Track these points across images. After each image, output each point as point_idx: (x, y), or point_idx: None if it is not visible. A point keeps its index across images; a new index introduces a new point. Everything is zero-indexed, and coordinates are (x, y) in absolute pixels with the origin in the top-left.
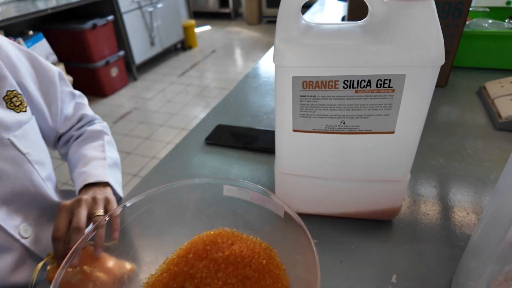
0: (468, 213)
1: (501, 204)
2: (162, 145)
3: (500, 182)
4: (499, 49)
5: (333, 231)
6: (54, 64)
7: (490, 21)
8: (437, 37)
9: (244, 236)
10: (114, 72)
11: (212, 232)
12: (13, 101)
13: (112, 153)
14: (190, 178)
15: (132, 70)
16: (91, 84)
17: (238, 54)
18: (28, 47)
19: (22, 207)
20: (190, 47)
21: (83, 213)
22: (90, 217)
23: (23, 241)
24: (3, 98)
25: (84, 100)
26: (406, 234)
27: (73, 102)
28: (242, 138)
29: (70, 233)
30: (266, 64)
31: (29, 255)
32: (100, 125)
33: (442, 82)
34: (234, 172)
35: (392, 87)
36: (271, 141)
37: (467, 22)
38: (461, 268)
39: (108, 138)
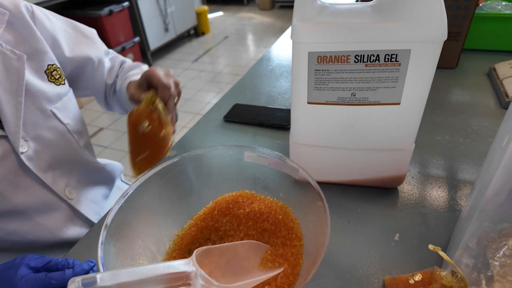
0: (469, 183)
1: (489, 169)
2: (177, 129)
3: (490, 150)
4: (511, 31)
5: (342, 197)
6: None
7: (503, 3)
8: (441, 15)
9: (262, 197)
10: (129, 58)
11: (234, 193)
12: (53, 75)
13: None
14: (214, 146)
15: (147, 56)
16: None
17: (250, 40)
18: None
19: (65, 172)
20: (203, 33)
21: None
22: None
23: (69, 201)
24: (45, 72)
25: (114, 52)
26: (410, 200)
27: (109, 55)
28: (259, 116)
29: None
30: (280, 48)
31: (75, 215)
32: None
33: (453, 63)
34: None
35: (398, 61)
36: (285, 119)
37: (480, 4)
38: (457, 227)
39: (143, 66)
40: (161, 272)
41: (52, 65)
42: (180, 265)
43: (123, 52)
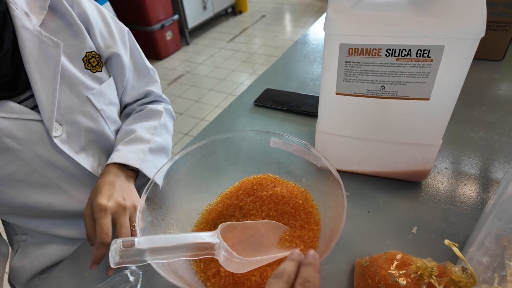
0: (498, 183)
1: None
2: (210, 108)
3: None
4: None
5: (364, 186)
6: None
7: None
8: (481, 11)
9: (285, 181)
10: (168, 35)
11: (258, 176)
12: (90, 62)
13: (162, 138)
14: (243, 130)
15: (185, 34)
16: (147, 47)
17: (287, 19)
18: None
19: (97, 153)
20: (240, 12)
21: (127, 222)
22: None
23: None
24: (82, 59)
25: (156, 76)
26: (432, 195)
27: (145, 77)
28: (288, 102)
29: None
30: (317, 31)
31: None
32: (164, 107)
33: (499, 55)
34: (279, 132)
35: (430, 57)
36: (315, 106)
37: None
38: (477, 225)
39: (165, 120)
40: (189, 241)
41: (91, 52)
42: (206, 237)
43: (162, 29)
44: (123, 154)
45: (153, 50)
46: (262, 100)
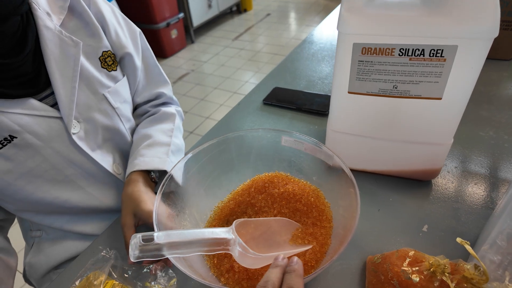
0: (508, 182)
1: None
2: (215, 106)
3: None
4: None
5: (374, 185)
6: None
7: None
8: (494, 10)
9: (296, 179)
10: (174, 34)
11: (270, 174)
12: (106, 61)
13: (178, 139)
14: (255, 128)
15: (190, 33)
16: (153, 45)
17: (292, 18)
18: None
19: (112, 150)
20: (245, 10)
21: None
22: None
23: (117, 176)
24: (99, 58)
25: (167, 79)
26: (443, 194)
27: (157, 78)
28: (296, 100)
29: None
30: (324, 30)
31: (121, 186)
32: (175, 109)
33: (508, 55)
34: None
35: (444, 56)
36: (324, 104)
37: None
38: (488, 224)
39: (178, 122)
40: (206, 236)
41: (107, 51)
42: (221, 232)
43: (167, 27)
44: (148, 160)
45: (159, 48)
46: (270, 98)
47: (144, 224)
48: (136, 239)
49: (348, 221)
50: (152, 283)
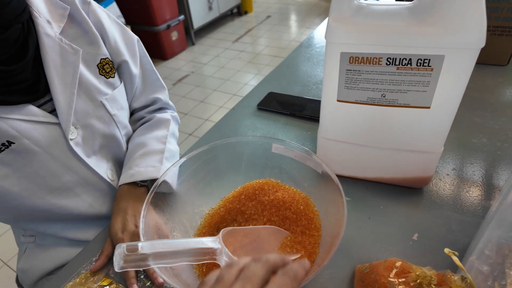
0: (499, 190)
1: None
2: (215, 108)
3: None
4: None
5: (365, 192)
6: None
7: None
8: (481, 21)
9: (286, 187)
10: (174, 36)
11: (260, 181)
12: (104, 68)
13: (172, 145)
14: (245, 136)
15: (191, 35)
16: (153, 47)
17: (293, 20)
18: None
19: (106, 157)
20: (245, 12)
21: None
22: None
23: (111, 182)
24: (97, 65)
25: (164, 84)
26: (433, 202)
27: (154, 84)
28: (291, 106)
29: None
30: (321, 34)
31: (114, 193)
32: (171, 114)
33: (503, 60)
34: (281, 136)
35: (431, 66)
36: (317, 110)
37: None
38: (478, 233)
39: (173, 128)
40: (191, 246)
41: (105, 59)
42: (208, 242)
43: (168, 29)
44: (143, 170)
45: (159, 50)
46: (265, 103)
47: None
48: (120, 249)
49: (336, 229)
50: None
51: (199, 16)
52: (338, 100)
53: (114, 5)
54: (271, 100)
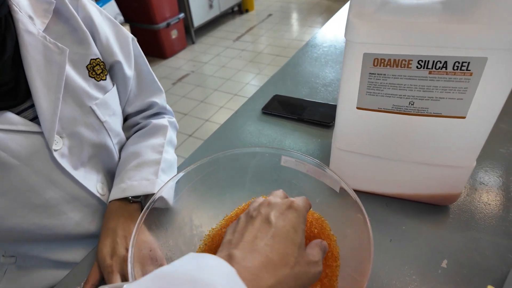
0: None
1: None
2: (215, 108)
3: None
4: None
5: (385, 210)
6: (121, 24)
7: None
8: None
9: None
10: (174, 34)
11: (267, 197)
12: (95, 70)
13: (169, 154)
14: (251, 146)
15: (191, 33)
16: (152, 46)
17: (294, 18)
18: None
19: (96, 168)
20: (247, 10)
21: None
22: None
23: (101, 197)
24: (86, 66)
25: (161, 87)
26: (462, 222)
27: (150, 87)
28: (298, 110)
29: None
30: (328, 33)
31: (104, 209)
32: (168, 120)
33: None
34: (289, 143)
35: (470, 70)
36: (327, 115)
37: None
38: None
39: (171, 135)
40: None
41: (95, 59)
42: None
43: (168, 28)
44: (137, 184)
45: (158, 49)
46: (270, 107)
47: None
48: None
49: (359, 259)
50: None
51: (199, 14)
52: (358, 108)
53: (112, 3)
54: (277, 103)
